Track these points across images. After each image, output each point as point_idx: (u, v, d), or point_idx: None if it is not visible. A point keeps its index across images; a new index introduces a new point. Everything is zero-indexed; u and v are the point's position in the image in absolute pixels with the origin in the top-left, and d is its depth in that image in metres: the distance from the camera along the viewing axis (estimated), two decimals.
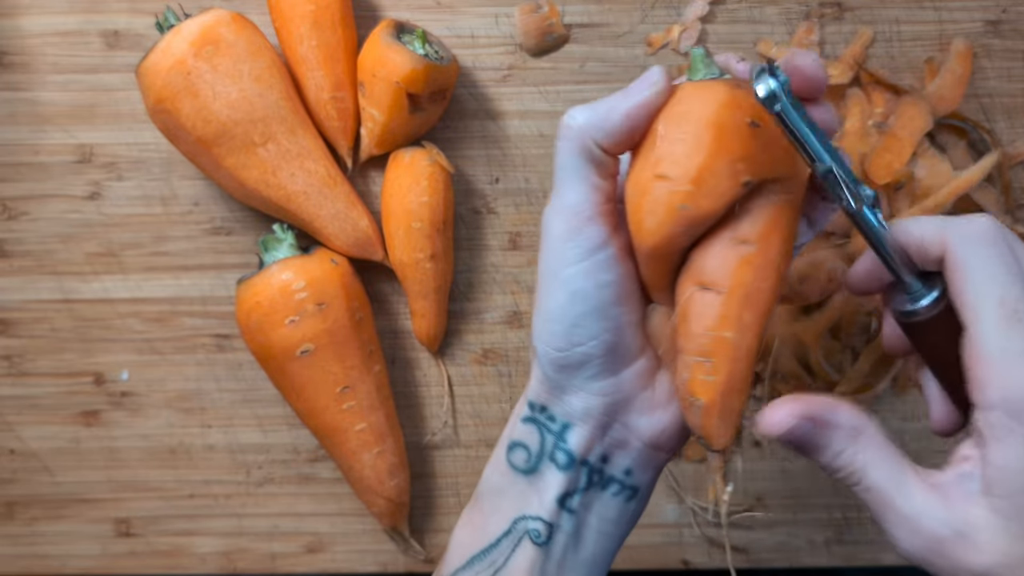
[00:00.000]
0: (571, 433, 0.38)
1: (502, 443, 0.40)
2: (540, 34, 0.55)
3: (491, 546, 0.38)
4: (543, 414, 0.39)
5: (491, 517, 0.39)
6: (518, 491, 0.39)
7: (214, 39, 0.50)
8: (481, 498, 0.40)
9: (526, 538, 0.38)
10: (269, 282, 0.51)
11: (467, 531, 0.40)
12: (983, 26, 0.55)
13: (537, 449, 0.39)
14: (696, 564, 0.58)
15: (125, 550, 0.59)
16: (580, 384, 0.38)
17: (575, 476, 0.38)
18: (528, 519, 0.38)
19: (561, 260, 0.37)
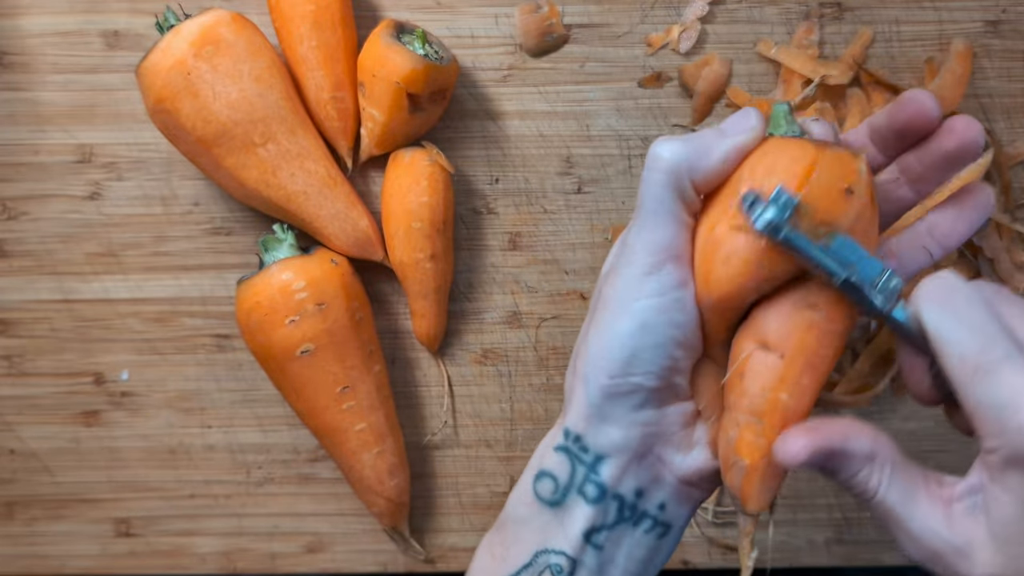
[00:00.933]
0: (604, 465, 0.37)
1: (529, 471, 0.39)
2: (540, 34, 0.55)
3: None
4: (576, 444, 0.38)
5: (512, 547, 0.38)
6: (542, 522, 0.38)
7: (214, 39, 0.50)
8: (504, 526, 0.39)
9: (547, 572, 0.37)
10: (269, 282, 0.51)
11: (487, 559, 0.39)
12: (983, 26, 0.55)
13: (566, 481, 0.38)
14: (696, 564, 0.58)
15: (125, 550, 0.59)
16: (623, 414, 0.37)
17: (604, 510, 0.37)
18: (551, 553, 0.37)
19: (638, 292, 0.36)
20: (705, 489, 0.39)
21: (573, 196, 0.56)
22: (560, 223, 0.56)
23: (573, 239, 0.56)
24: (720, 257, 0.36)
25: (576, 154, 0.56)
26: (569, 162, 0.56)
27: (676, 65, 0.55)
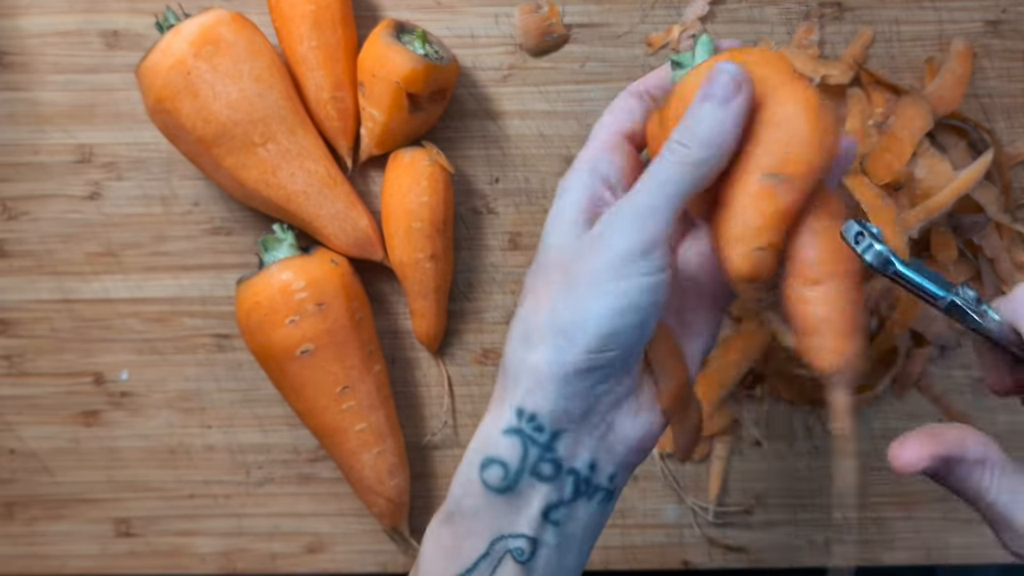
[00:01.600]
0: (560, 441, 0.37)
1: (471, 460, 0.37)
2: (540, 34, 0.55)
3: (468, 570, 0.37)
4: (531, 423, 0.37)
5: (465, 540, 0.37)
6: (494, 510, 0.37)
7: (214, 39, 0.50)
8: (451, 519, 0.38)
9: (508, 557, 0.36)
10: (269, 282, 0.51)
11: (436, 555, 0.38)
12: (983, 26, 0.55)
13: (517, 465, 0.37)
14: (696, 564, 0.58)
15: (125, 550, 0.59)
16: (587, 387, 0.37)
17: (560, 486, 0.37)
18: (508, 538, 0.37)
19: (621, 272, 0.36)
20: (646, 452, 0.39)
21: None
22: None
23: None
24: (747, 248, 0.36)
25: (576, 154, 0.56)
26: (569, 162, 0.56)
27: None
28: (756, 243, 0.36)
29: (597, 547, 0.57)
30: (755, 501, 0.58)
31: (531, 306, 0.38)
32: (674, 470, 0.58)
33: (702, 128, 0.36)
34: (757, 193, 0.36)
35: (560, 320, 0.36)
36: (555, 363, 0.36)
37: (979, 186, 0.54)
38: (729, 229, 0.37)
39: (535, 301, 0.38)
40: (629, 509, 0.58)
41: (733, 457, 0.57)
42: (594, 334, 0.36)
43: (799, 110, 0.36)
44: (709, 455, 0.57)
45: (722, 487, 0.57)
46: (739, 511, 0.58)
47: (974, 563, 0.58)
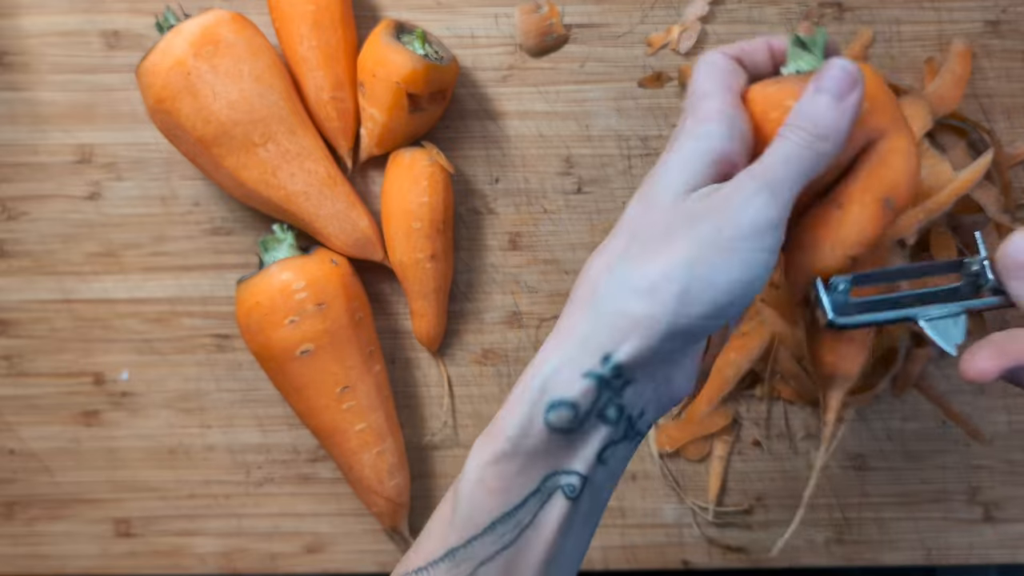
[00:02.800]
0: (630, 388, 0.36)
1: (533, 398, 0.36)
2: (540, 34, 0.55)
3: (516, 507, 0.36)
4: (614, 371, 0.36)
5: (515, 479, 0.36)
6: (552, 449, 0.36)
7: (214, 39, 0.50)
8: (502, 459, 0.37)
9: (558, 493, 0.36)
10: (269, 282, 0.51)
11: (481, 495, 0.37)
12: (983, 26, 0.55)
13: (587, 408, 0.36)
14: (696, 564, 0.58)
15: (125, 550, 0.59)
16: (680, 348, 0.37)
17: (617, 430, 0.37)
18: (561, 474, 0.36)
19: (754, 243, 0.36)
20: (676, 405, 0.40)
21: (573, 196, 0.56)
22: (560, 223, 0.56)
23: (573, 239, 0.56)
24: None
25: (576, 154, 0.56)
26: (569, 162, 0.56)
27: (676, 65, 0.55)
28: (854, 251, 0.39)
29: (597, 547, 0.58)
30: (755, 501, 0.58)
31: (642, 251, 0.36)
32: (674, 470, 0.58)
33: (824, 120, 0.37)
34: (875, 211, 0.39)
35: (684, 279, 0.35)
36: (666, 321, 0.35)
37: (979, 186, 0.54)
38: (839, 229, 0.39)
39: (649, 248, 0.36)
40: (629, 509, 0.58)
41: (733, 457, 0.57)
42: (715, 301, 0.35)
43: (914, 156, 0.39)
44: (709, 455, 0.57)
45: (722, 487, 0.57)
46: (739, 511, 0.58)
47: (974, 563, 0.58)
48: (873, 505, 0.58)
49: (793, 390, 0.56)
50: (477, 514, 0.37)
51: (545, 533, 0.36)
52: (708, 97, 0.38)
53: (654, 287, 0.35)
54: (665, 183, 0.37)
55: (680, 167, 0.37)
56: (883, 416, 0.57)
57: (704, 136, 0.37)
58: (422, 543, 0.38)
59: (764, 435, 0.57)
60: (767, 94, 0.39)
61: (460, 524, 0.37)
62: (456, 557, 0.37)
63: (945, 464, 0.57)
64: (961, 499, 0.57)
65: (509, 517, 0.36)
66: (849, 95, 0.37)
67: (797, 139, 0.37)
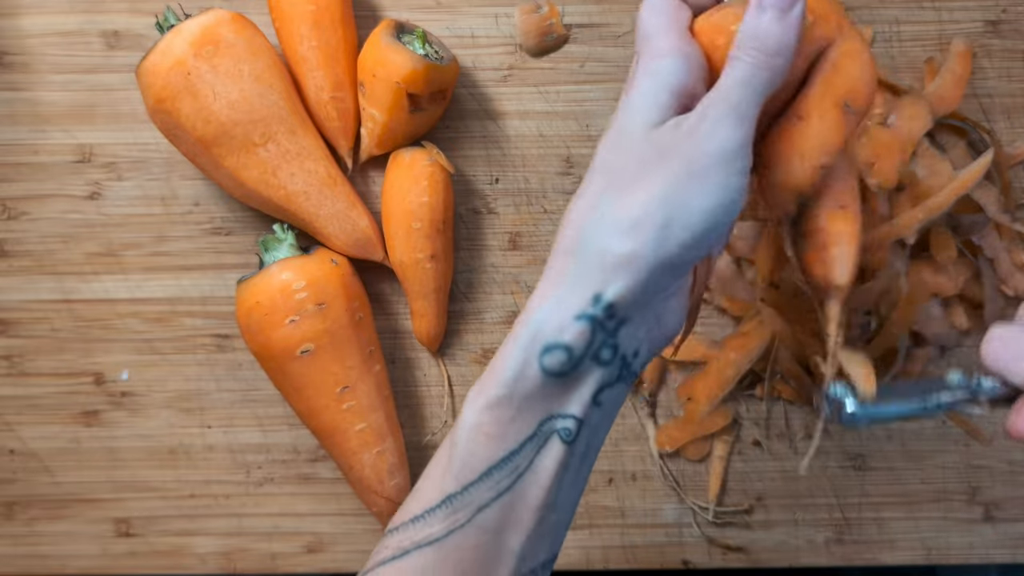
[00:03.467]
0: (624, 328, 0.37)
1: (526, 344, 0.36)
2: (540, 34, 0.55)
3: (513, 452, 0.37)
4: (606, 311, 0.36)
5: (511, 424, 0.37)
6: (548, 393, 0.36)
7: (214, 39, 0.50)
8: (497, 405, 0.37)
9: (554, 437, 0.37)
10: (269, 282, 0.51)
11: (478, 441, 0.37)
12: (983, 26, 0.55)
13: (581, 351, 0.36)
14: (696, 564, 0.58)
15: (125, 550, 0.59)
16: (667, 282, 0.37)
17: (612, 371, 0.37)
18: (557, 418, 0.37)
19: (726, 167, 0.36)
20: (669, 344, 0.40)
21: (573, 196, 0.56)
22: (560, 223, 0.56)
23: None
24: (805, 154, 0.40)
25: (576, 154, 0.56)
26: (569, 162, 0.56)
27: None
28: (823, 160, 0.39)
29: (597, 547, 0.58)
30: (755, 501, 0.58)
31: (619, 190, 0.37)
32: (674, 470, 0.58)
33: (771, 37, 0.37)
34: (835, 118, 0.39)
35: (663, 212, 0.36)
36: (651, 255, 0.36)
37: (979, 186, 0.54)
38: (802, 141, 0.39)
39: (626, 186, 0.37)
40: (629, 509, 0.58)
41: (733, 457, 0.57)
42: (695, 229, 0.36)
43: (867, 57, 0.40)
44: (709, 455, 0.57)
45: (722, 487, 0.57)
46: (739, 511, 0.58)
47: (974, 563, 0.58)
48: (873, 505, 0.58)
49: (793, 390, 0.56)
50: (474, 460, 0.37)
51: (542, 478, 0.37)
52: (658, 35, 0.39)
53: (636, 223, 0.36)
54: (632, 121, 0.38)
55: (643, 104, 0.38)
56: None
57: (661, 71, 0.38)
58: (419, 491, 0.38)
59: (764, 435, 0.57)
60: (712, 23, 0.39)
61: (457, 471, 0.37)
62: (454, 503, 0.37)
63: (945, 464, 0.57)
64: (961, 499, 0.57)
65: (506, 463, 0.37)
66: (792, 8, 0.37)
67: (750, 59, 0.37)
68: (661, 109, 0.37)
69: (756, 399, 0.57)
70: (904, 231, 0.53)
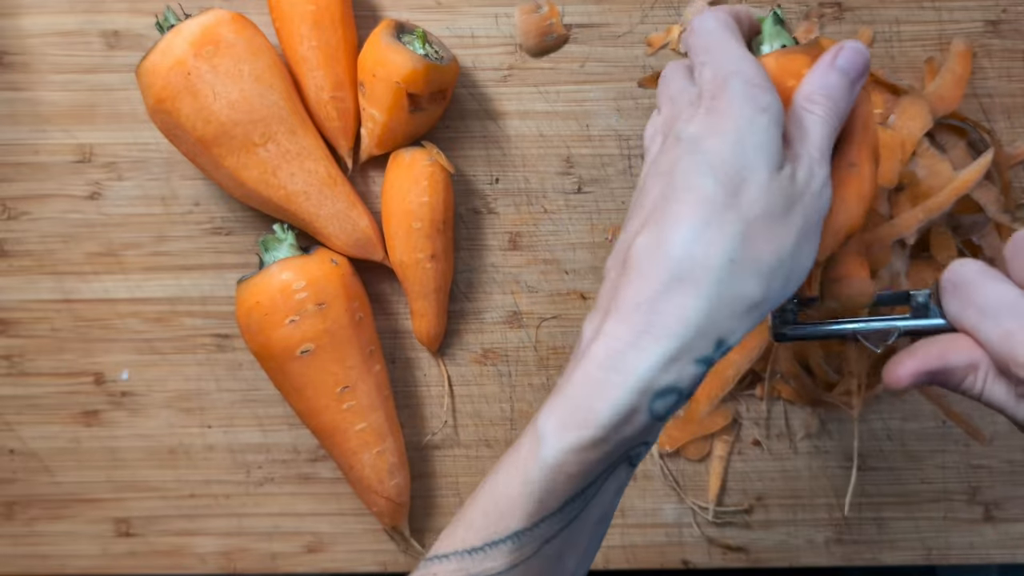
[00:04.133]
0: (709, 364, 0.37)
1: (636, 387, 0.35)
2: (540, 34, 0.55)
3: (590, 485, 0.36)
4: (720, 351, 0.36)
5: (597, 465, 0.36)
6: (645, 432, 0.36)
7: (214, 39, 0.50)
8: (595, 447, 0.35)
9: (626, 463, 0.37)
10: (269, 282, 0.51)
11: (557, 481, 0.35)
12: (983, 26, 0.55)
13: (691, 391, 0.36)
14: (696, 564, 0.58)
15: (125, 550, 0.59)
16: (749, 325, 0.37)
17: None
18: (640, 446, 0.37)
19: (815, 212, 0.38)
20: None
21: (573, 196, 0.56)
22: (560, 223, 0.56)
23: (573, 239, 0.56)
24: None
25: (576, 154, 0.56)
26: (569, 162, 0.56)
27: None
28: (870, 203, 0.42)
29: None
30: (755, 501, 0.58)
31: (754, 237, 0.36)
32: (674, 470, 0.58)
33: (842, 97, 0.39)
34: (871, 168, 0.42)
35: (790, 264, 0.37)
36: (772, 303, 0.37)
37: (979, 186, 0.54)
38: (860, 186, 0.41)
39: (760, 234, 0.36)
40: (629, 509, 0.58)
41: (733, 457, 0.57)
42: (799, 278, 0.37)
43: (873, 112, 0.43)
44: (709, 455, 0.57)
45: (722, 487, 0.57)
46: (739, 511, 0.58)
47: (974, 563, 0.58)
48: (873, 505, 0.58)
49: (793, 390, 0.56)
50: (551, 498, 0.36)
51: (605, 500, 0.37)
52: (745, 61, 0.38)
53: (772, 272, 0.36)
54: (756, 161, 0.36)
55: (765, 143, 0.36)
56: (883, 416, 0.57)
57: (772, 108, 0.37)
58: (474, 518, 0.37)
59: (764, 435, 0.57)
60: (783, 65, 0.41)
61: (532, 508, 0.35)
62: (522, 539, 0.36)
63: (945, 464, 0.57)
64: (961, 499, 0.57)
65: (580, 496, 0.36)
66: (862, 78, 0.40)
67: (823, 113, 0.39)
68: (779, 151, 0.37)
69: (756, 399, 0.57)
70: (904, 231, 0.53)
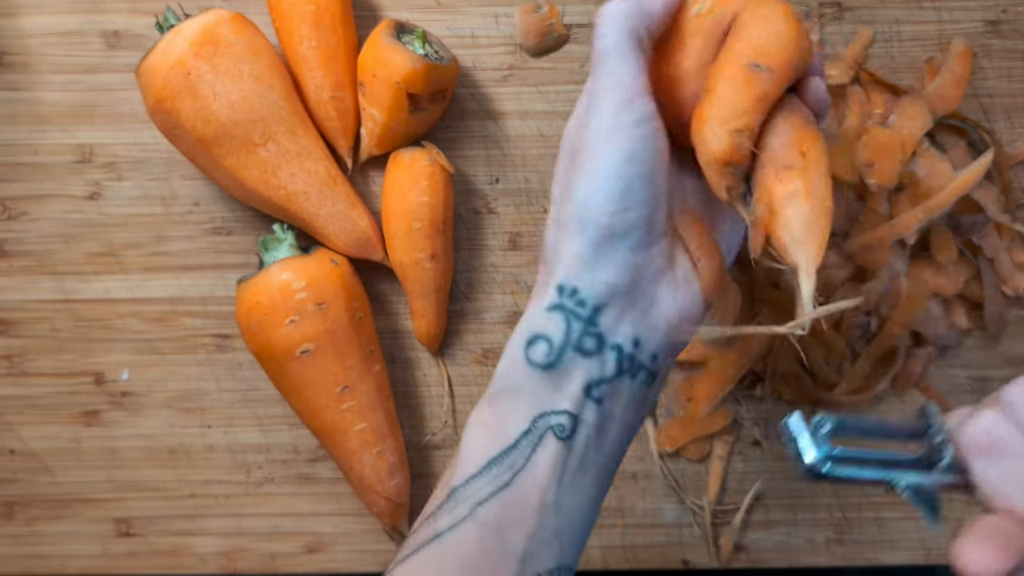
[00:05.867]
0: (603, 314, 0.37)
1: (516, 341, 0.38)
2: (540, 34, 0.55)
3: (510, 448, 0.37)
4: (573, 298, 0.37)
5: (508, 418, 0.37)
6: (538, 387, 0.37)
7: (214, 39, 0.50)
8: (494, 400, 0.38)
9: (549, 434, 0.37)
10: (269, 282, 0.51)
11: (479, 434, 0.38)
12: (983, 26, 0.55)
13: (561, 340, 0.37)
14: (696, 564, 0.58)
15: (125, 550, 0.59)
16: (619, 255, 0.37)
17: (602, 362, 0.37)
18: (551, 414, 0.37)
19: (616, 126, 0.38)
20: (686, 334, 0.40)
21: None
22: None
23: None
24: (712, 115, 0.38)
25: None
26: None
27: None
28: (735, 125, 0.38)
29: (596, 547, 0.58)
30: (755, 501, 0.58)
31: (557, 195, 0.40)
32: (674, 470, 0.58)
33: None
34: (741, 80, 0.38)
35: (578, 196, 0.38)
36: (584, 234, 0.37)
37: (979, 186, 0.54)
38: (710, 111, 0.38)
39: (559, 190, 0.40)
40: (629, 509, 0.58)
41: (733, 457, 0.57)
42: (607, 194, 0.37)
43: (780, 12, 0.39)
44: (709, 455, 0.57)
45: (722, 487, 0.57)
46: (739, 511, 0.58)
47: None
48: (873, 505, 0.58)
49: (793, 390, 0.56)
50: (475, 455, 0.37)
51: (539, 476, 0.37)
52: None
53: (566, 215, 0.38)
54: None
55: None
56: (883, 416, 0.57)
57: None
58: (434, 494, 0.39)
59: (764, 435, 0.57)
60: None
61: (460, 466, 0.38)
62: (456, 497, 0.37)
63: None
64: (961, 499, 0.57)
65: (503, 457, 0.37)
66: None
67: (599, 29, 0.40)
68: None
69: (756, 399, 0.57)
70: (904, 231, 0.53)
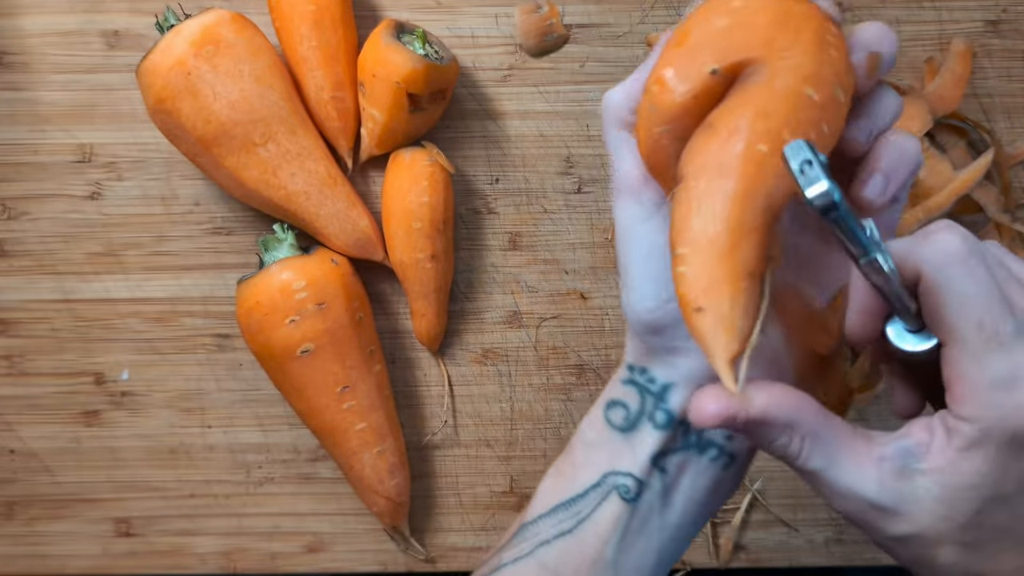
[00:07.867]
0: (672, 393, 0.38)
1: (600, 402, 0.40)
2: (540, 34, 0.55)
3: (578, 496, 0.39)
4: (643, 376, 0.38)
5: (581, 469, 0.39)
6: (612, 447, 0.39)
7: (214, 39, 0.50)
8: (573, 449, 0.40)
9: (614, 493, 0.38)
10: (269, 282, 0.51)
11: (554, 480, 0.40)
12: (983, 26, 0.55)
13: (637, 409, 0.38)
14: (696, 564, 0.58)
15: (125, 550, 0.59)
16: (680, 344, 0.37)
17: (672, 435, 0.38)
18: (619, 474, 0.38)
19: (634, 219, 0.37)
20: None
21: (573, 196, 0.56)
22: (560, 223, 0.56)
23: (573, 239, 0.56)
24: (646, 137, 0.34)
25: (576, 154, 0.56)
26: (569, 162, 0.56)
27: None
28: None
29: None
30: (755, 501, 0.58)
31: None
32: None
33: None
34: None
35: (622, 295, 0.38)
36: (634, 329, 0.38)
37: (979, 186, 0.54)
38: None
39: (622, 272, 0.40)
40: None
41: None
42: (640, 294, 0.37)
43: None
44: None
45: None
46: (738, 511, 0.58)
47: None
48: None
49: None
50: (546, 496, 0.39)
51: (600, 530, 0.38)
52: None
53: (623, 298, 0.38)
54: None
55: None
56: (883, 416, 0.57)
57: None
58: (510, 527, 0.41)
59: None
60: None
61: (533, 505, 0.40)
62: (523, 533, 0.39)
63: None
64: None
65: (571, 504, 0.39)
66: None
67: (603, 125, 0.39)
68: None
69: None
70: (904, 231, 0.53)
